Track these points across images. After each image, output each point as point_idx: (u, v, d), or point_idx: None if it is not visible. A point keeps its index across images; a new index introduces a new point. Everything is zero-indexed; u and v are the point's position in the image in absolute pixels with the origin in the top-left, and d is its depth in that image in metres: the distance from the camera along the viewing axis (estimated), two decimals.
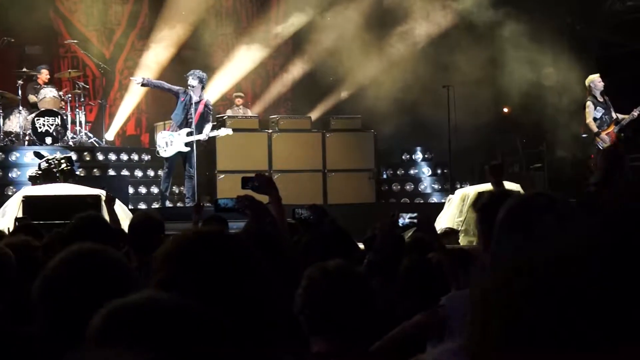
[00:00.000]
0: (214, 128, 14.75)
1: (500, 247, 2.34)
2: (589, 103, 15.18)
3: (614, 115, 14.99)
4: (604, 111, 15.05)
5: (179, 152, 14.37)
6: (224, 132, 14.77)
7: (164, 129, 15.01)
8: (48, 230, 6.60)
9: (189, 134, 14.30)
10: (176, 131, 14.39)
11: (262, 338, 1.83)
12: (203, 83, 14.54)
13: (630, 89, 15.88)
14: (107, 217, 10.85)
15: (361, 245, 5.67)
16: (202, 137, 14.44)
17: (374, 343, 3.45)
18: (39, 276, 2.38)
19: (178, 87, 14.61)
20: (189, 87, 14.31)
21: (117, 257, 2.31)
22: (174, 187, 15.39)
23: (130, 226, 5.79)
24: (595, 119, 15.09)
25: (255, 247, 2.25)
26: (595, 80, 14.99)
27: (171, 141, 14.38)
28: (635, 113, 14.86)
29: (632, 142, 15.95)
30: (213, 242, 2.18)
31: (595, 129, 15.10)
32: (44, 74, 16.47)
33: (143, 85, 15.07)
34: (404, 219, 4.98)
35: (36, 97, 16.01)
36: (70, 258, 2.30)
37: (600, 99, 15.06)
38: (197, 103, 14.35)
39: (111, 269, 2.27)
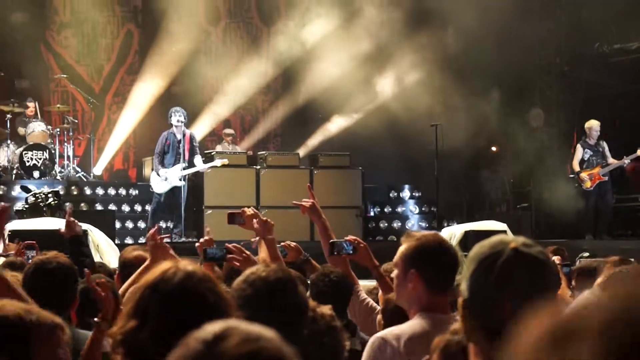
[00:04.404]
0: (204, 162, 14.91)
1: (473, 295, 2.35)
2: (578, 145, 15.41)
3: (608, 160, 15.13)
4: (592, 153, 15.22)
5: (173, 187, 14.49)
6: (219, 162, 14.92)
7: (152, 165, 15.06)
8: None
9: (183, 169, 14.44)
10: (167, 168, 14.53)
11: None
12: (184, 120, 14.66)
13: (617, 130, 16.01)
14: (94, 252, 10.83)
15: None
16: (199, 169, 14.62)
17: None
18: None
19: (161, 137, 14.72)
20: (172, 126, 14.48)
21: None
22: (160, 223, 15.38)
23: (121, 262, 5.79)
24: (583, 161, 15.25)
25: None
26: (594, 126, 15.20)
27: (165, 177, 14.49)
28: (626, 161, 15.05)
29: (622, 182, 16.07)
30: (176, 278, 2.27)
31: (577, 169, 15.28)
32: (30, 107, 16.49)
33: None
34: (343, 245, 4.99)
35: (25, 130, 16.01)
36: None
37: (591, 143, 15.23)
38: (182, 139, 14.45)
39: None
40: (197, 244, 5.25)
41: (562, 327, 0.92)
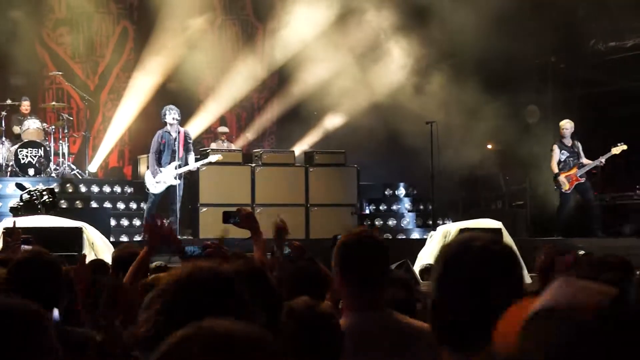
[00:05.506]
0: (198, 159, 14.85)
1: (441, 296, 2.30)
2: (555, 146, 15.45)
3: (581, 160, 15.16)
4: (568, 154, 15.30)
5: (169, 186, 14.40)
6: (214, 158, 14.89)
7: (147, 163, 15.02)
8: None
9: (177, 167, 14.36)
10: (164, 167, 14.43)
11: None
12: (179, 117, 14.57)
13: (610, 126, 16.01)
14: (88, 250, 10.81)
15: None
16: (191, 167, 14.53)
17: None
18: None
19: (157, 136, 14.59)
20: (166, 125, 14.39)
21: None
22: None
23: (114, 259, 5.78)
24: (559, 162, 15.30)
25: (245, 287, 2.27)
26: (565, 125, 15.34)
27: (160, 180, 14.41)
28: (602, 160, 15.03)
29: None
30: (206, 281, 2.20)
31: (555, 171, 15.32)
32: (24, 105, 16.47)
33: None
34: None
35: (20, 128, 16.00)
36: None
37: (568, 143, 15.28)
38: (177, 137, 14.39)
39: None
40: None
41: None
